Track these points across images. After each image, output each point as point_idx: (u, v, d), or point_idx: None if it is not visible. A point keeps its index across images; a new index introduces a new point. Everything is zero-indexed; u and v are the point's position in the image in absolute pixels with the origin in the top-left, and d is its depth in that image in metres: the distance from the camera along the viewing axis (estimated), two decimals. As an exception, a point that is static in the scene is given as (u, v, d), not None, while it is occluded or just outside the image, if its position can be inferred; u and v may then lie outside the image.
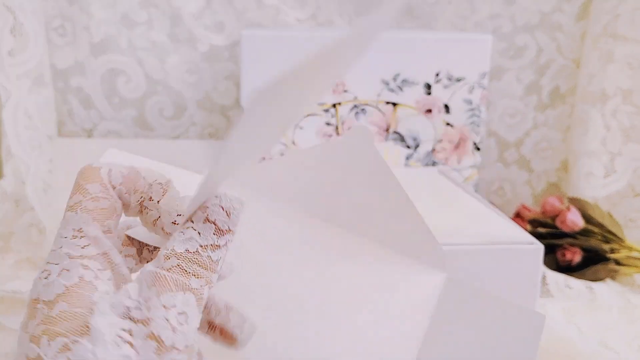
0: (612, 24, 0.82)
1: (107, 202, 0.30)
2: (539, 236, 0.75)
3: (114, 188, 0.31)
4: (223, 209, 0.30)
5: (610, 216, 0.81)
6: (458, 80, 0.71)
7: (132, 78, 0.85)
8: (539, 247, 0.47)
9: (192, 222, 0.29)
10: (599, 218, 0.77)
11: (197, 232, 0.29)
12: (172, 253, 0.28)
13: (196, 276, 0.28)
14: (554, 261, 0.76)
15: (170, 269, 0.28)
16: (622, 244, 0.75)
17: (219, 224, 0.29)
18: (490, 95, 0.89)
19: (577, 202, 0.79)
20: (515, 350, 0.44)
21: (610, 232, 0.76)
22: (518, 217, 0.81)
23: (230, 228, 0.30)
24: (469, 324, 0.44)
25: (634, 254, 0.74)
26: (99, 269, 0.28)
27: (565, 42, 0.88)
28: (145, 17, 0.84)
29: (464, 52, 0.71)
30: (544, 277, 0.70)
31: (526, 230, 0.76)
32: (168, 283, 0.27)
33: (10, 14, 0.72)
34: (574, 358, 0.55)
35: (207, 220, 0.29)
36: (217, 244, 0.29)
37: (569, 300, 0.68)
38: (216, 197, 0.30)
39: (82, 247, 0.28)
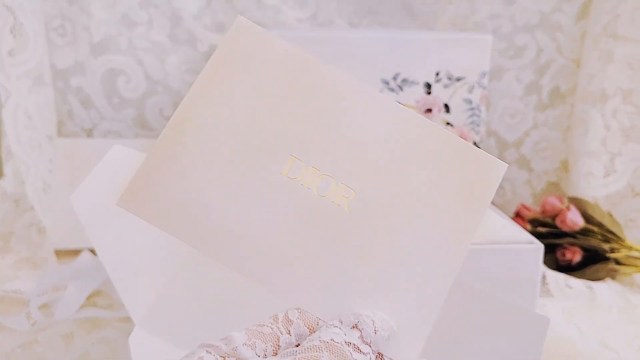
0: (612, 24, 0.82)
1: (268, 330, 0.31)
2: (538, 236, 0.75)
3: (290, 322, 0.32)
4: (373, 324, 0.31)
5: (610, 216, 0.81)
6: (458, 79, 0.71)
7: (132, 78, 0.85)
8: (539, 247, 0.47)
9: (341, 322, 0.31)
10: (599, 217, 0.77)
11: (343, 332, 0.31)
12: (317, 338, 0.30)
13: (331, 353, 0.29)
14: (554, 261, 0.77)
15: (309, 348, 0.29)
16: (622, 244, 0.75)
17: (364, 335, 0.31)
18: (490, 95, 0.89)
19: (577, 202, 0.79)
20: (519, 353, 0.44)
21: (610, 231, 0.76)
22: (518, 216, 0.82)
23: (372, 345, 0.31)
24: (473, 326, 0.44)
25: (634, 253, 0.74)
26: (221, 356, 0.30)
27: (565, 42, 0.88)
28: (145, 17, 0.84)
29: (464, 52, 0.71)
30: (544, 277, 0.70)
31: (526, 229, 0.76)
32: (298, 353, 0.29)
33: (10, 14, 0.72)
34: (574, 358, 0.55)
35: (355, 326, 0.31)
36: (361, 350, 0.30)
37: (569, 300, 0.68)
38: (372, 312, 0.32)
39: (217, 341, 0.30)
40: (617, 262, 0.74)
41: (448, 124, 0.72)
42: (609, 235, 0.76)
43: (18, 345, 0.57)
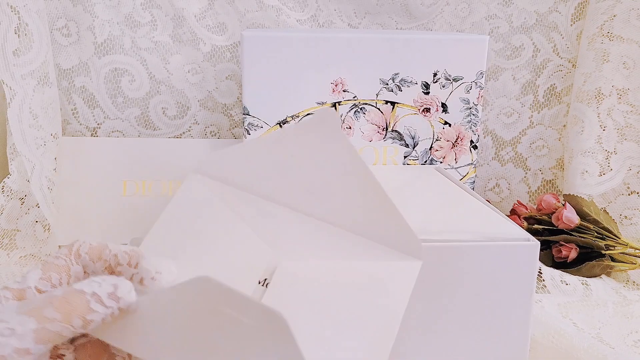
0: (608, 24, 0.83)
1: (62, 262, 0.35)
2: (535, 233, 0.76)
3: (79, 256, 0.36)
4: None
5: (606, 213, 0.82)
6: (455, 80, 0.72)
7: (135, 78, 0.86)
8: (535, 244, 0.48)
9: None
10: (594, 215, 0.77)
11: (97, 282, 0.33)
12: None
13: (57, 309, 0.31)
14: (550, 258, 0.77)
15: (46, 297, 0.31)
16: (617, 241, 0.75)
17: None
18: (487, 94, 0.90)
19: (572, 199, 0.79)
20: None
21: (605, 228, 0.76)
22: (514, 214, 0.82)
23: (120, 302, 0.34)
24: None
25: (629, 250, 0.75)
26: (6, 297, 0.33)
27: (561, 43, 0.89)
28: (148, 18, 0.85)
29: (462, 52, 0.72)
30: (540, 273, 0.71)
31: (522, 227, 0.77)
32: (28, 307, 0.30)
33: (15, 14, 0.73)
34: (569, 353, 0.55)
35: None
36: (106, 304, 0.33)
37: (565, 296, 0.68)
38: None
39: (13, 282, 0.33)
40: (612, 259, 0.75)
41: (446, 123, 0.73)
42: (604, 233, 0.76)
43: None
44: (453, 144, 0.74)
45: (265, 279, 0.38)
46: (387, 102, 0.72)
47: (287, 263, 0.39)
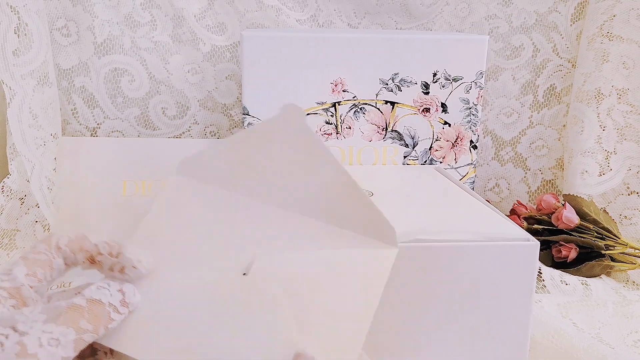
0: (608, 24, 0.83)
1: (44, 256, 0.35)
2: (534, 233, 0.76)
3: (59, 249, 0.36)
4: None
5: (606, 213, 0.82)
6: (455, 80, 0.72)
7: (135, 78, 0.86)
8: (534, 244, 0.48)
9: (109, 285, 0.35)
10: (594, 215, 0.77)
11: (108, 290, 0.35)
12: (82, 294, 0.34)
13: (89, 321, 0.33)
14: (550, 258, 0.77)
15: (72, 306, 0.32)
16: (617, 241, 0.75)
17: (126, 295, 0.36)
18: (487, 94, 0.90)
19: (572, 199, 0.79)
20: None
21: (605, 228, 0.77)
22: (514, 214, 0.82)
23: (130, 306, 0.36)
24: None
25: (629, 250, 0.75)
26: (3, 296, 0.33)
27: (561, 43, 0.89)
28: (148, 18, 0.85)
29: (461, 52, 0.72)
30: (539, 273, 0.71)
31: (522, 227, 0.77)
32: (60, 317, 0.32)
33: (14, 14, 0.73)
34: (569, 353, 0.55)
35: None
36: (120, 312, 0.35)
37: (565, 296, 0.68)
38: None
39: (1, 281, 0.34)
40: (612, 259, 0.75)
41: (445, 123, 0.73)
42: (604, 233, 0.76)
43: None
44: (453, 144, 0.74)
45: (244, 274, 0.39)
46: (386, 102, 0.72)
47: (264, 256, 0.39)
